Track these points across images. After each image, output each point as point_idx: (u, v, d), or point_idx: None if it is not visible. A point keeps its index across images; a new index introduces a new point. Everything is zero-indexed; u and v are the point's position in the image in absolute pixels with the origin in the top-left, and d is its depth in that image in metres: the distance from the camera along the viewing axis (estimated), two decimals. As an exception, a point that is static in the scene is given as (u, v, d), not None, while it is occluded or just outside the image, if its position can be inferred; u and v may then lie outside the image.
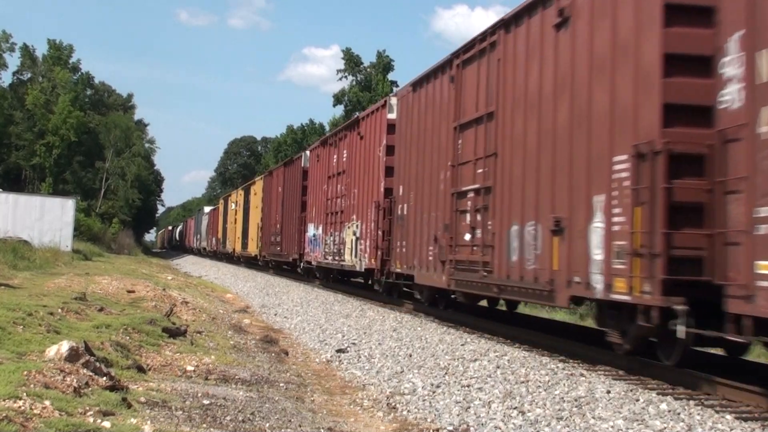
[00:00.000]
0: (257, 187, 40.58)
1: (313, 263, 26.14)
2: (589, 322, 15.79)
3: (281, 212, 32.12)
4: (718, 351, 10.02)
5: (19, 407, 5.12)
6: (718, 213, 7.53)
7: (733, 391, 7.87)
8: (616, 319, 9.32)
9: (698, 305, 7.89)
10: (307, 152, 28.96)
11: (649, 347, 9.16)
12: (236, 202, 48.80)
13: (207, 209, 69.53)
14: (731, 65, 7.39)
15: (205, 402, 6.91)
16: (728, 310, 7.21)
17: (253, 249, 40.07)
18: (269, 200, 35.71)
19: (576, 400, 7.78)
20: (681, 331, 7.85)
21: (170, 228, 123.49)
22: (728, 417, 7.11)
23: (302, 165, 29.11)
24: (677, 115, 8.20)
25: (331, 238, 23.20)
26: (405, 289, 18.27)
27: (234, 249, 48.13)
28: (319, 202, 25.44)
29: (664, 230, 8.06)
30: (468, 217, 13.20)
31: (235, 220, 48.25)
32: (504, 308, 16.07)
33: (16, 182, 61.27)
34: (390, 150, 18.31)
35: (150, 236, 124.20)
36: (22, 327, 8.59)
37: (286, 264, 32.69)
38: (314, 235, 25.82)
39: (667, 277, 7.99)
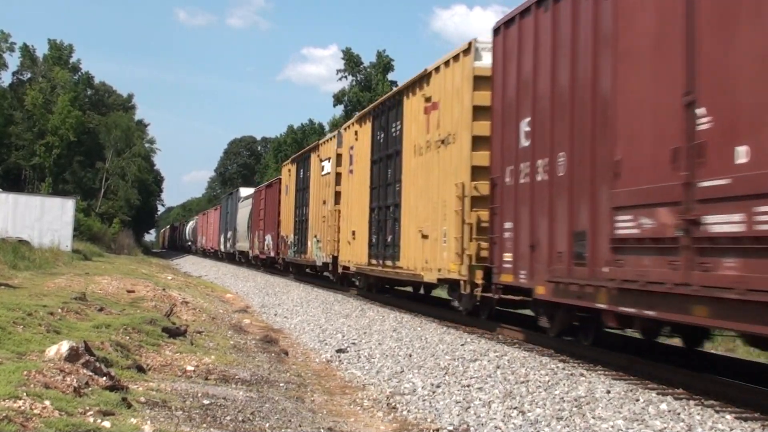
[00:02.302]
0: (439, 81, 14.73)
1: None
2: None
3: None
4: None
5: (19, 407, 5.11)
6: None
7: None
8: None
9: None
10: None
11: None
12: (341, 154, 22.86)
13: (246, 192, 46.39)
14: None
15: (205, 402, 6.90)
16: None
17: (446, 263, 13.92)
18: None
19: (576, 400, 7.79)
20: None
21: (175, 225, 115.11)
22: (728, 417, 7.12)
23: None
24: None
25: None
26: None
27: (338, 257, 22.58)
28: None
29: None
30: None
31: (336, 195, 22.96)
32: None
33: (16, 182, 61.29)
34: None
35: (150, 236, 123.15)
36: (22, 327, 8.59)
37: None
38: None
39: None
